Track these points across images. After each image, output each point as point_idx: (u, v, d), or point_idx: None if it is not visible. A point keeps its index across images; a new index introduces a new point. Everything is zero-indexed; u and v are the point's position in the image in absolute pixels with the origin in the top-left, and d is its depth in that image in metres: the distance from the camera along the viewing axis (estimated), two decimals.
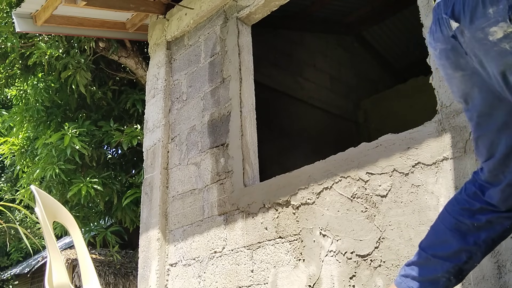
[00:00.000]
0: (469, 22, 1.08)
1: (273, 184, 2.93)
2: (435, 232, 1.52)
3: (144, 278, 3.53)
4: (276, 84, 5.69)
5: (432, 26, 1.26)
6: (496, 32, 1.06)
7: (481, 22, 1.07)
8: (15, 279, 11.45)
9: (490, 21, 1.06)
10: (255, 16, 3.53)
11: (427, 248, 1.52)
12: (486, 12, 1.05)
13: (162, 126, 3.85)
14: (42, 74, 5.40)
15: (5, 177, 11.85)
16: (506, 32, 1.04)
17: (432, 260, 1.48)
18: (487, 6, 1.05)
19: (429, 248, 1.51)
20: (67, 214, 2.16)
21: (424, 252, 1.52)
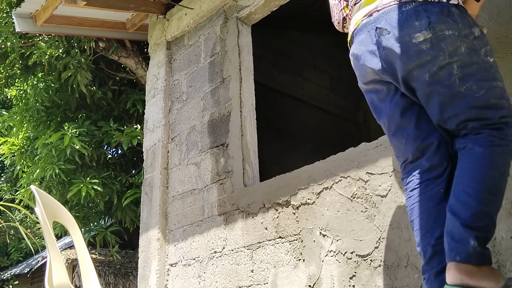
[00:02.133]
0: (399, 29, 1.52)
1: (273, 184, 2.93)
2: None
3: (144, 278, 3.53)
4: (276, 84, 5.69)
5: (361, 36, 1.66)
6: (419, 36, 1.49)
7: (409, 30, 1.50)
8: (15, 279, 11.45)
9: (415, 29, 1.49)
10: (255, 16, 3.53)
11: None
12: (413, 24, 1.50)
13: (162, 126, 3.85)
14: (42, 74, 5.40)
15: (5, 177, 11.85)
16: (426, 37, 1.48)
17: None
18: (413, 20, 1.50)
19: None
20: (67, 214, 2.16)
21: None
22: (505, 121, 1.47)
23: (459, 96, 1.48)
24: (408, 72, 1.53)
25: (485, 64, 1.50)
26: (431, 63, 1.49)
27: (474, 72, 1.48)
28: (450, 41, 1.47)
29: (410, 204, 1.64)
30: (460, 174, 1.48)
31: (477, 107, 1.47)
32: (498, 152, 1.45)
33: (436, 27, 1.47)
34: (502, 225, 1.92)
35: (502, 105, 1.48)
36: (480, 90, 1.46)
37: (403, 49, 1.51)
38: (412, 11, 1.50)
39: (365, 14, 1.64)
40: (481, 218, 1.41)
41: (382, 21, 1.56)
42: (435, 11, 1.49)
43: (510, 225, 1.90)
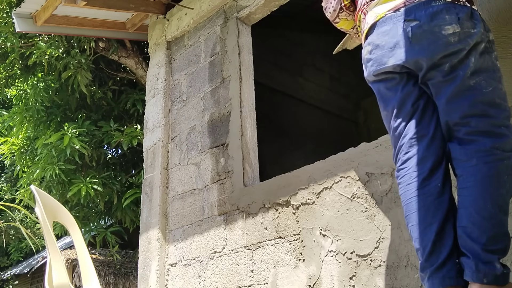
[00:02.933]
0: (430, 21, 1.57)
1: (273, 184, 2.93)
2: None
3: (144, 278, 3.53)
4: (276, 84, 5.69)
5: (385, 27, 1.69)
6: (449, 29, 1.55)
7: (439, 21, 1.57)
8: (15, 279, 11.45)
9: (446, 22, 1.56)
10: (255, 16, 3.53)
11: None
12: (444, 17, 1.57)
13: (162, 126, 3.85)
14: (42, 74, 5.40)
15: (5, 177, 11.85)
16: (455, 30, 1.55)
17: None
18: (444, 13, 1.57)
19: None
20: (67, 214, 2.16)
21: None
22: (506, 123, 1.52)
23: (468, 89, 1.54)
24: (433, 62, 1.58)
25: (495, 67, 1.60)
26: (455, 55, 1.55)
27: (485, 70, 1.56)
28: (474, 39, 1.55)
29: (406, 198, 1.64)
30: (469, 193, 1.50)
31: (483, 103, 1.53)
32: (503, 168, 1.49)
33: (464, 23, 1.55)
34: None
35: (505, 107, 1.55)
36: (488, 87, 1.54)
37: (432, 39, 1.57)
38: (442, 6, 1.58)
39: (390, 9, 1.67)
40: (500, 240, 1.47)
41: (412, 14, 1.61)
42: (463, 10, 1.57)
43: (510, 225, 1.90)
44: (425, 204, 1.58)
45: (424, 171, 1.60)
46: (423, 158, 1.62)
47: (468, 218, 1.49)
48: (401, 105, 1.69)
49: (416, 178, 1.62)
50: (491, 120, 1.52)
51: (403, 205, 1.67)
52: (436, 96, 1.61)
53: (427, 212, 1.57)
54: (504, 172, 1.50)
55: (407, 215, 1.64)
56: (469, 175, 1.51)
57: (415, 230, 1.59)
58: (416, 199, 1.60)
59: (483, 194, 1.48)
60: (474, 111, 1.53)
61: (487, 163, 1.49)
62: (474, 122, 1.53)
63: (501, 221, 1.48)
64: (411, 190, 1.62)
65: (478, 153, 1.51)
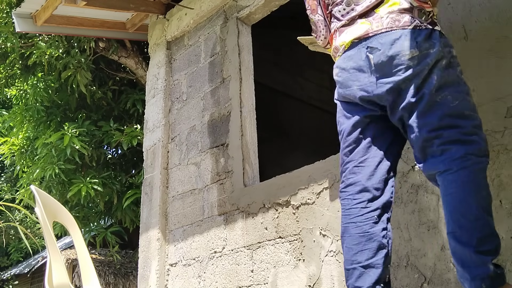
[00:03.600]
0: (390, 48, 1.66)
1: (273, 184, 2.93)
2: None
3: (144, 278, 3.53)
4: (276, 84, 5.69)
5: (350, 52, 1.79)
6: (407, 54, 1.63)
7: (398, 49, 1.65)
8: (15, 279, 11.44)
9: (404, 48, 1.64)
10: (255, 16, 3.53)
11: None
12: (402, 43, 1.65)
13: (162, 126, 3.85)
14: (42, 74, 5.40)
15: (5, 177, 11.85)
16: (413, 54, 1.63)
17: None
18: (402, 40, 1.65)
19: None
20: (67, 214, 2.16)
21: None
22: (476, 131, 1.58)
23: (436, 104, 1.61)
24: (396, 87, 1.66)
25: (460, 80, 1.65)
26: (418, 77, 1.63)
27: (450, 84, 1.62)
28: (434, 58, 1.63)
29: (345, 222, 1.73)
30: (452, 199, 1.55)
31: (451, 116, 1.59)
32: (479, 171, 1.55)
33: (422, 45, 1.63)
34: (502, 225, 1.92)
35: (474, 118, 1.61)
36: (454, 101, 1.60)
37: (394, 66, 1.66)
38: (400, 33, 1.66)
39: (355, 38, 1.76)
40: (489, 240, 1.49)
41: (374, 41, 1.71)
42: (422, 34, 1.65)
43: (510, 225, 1.91)
44: (360, 232, 1.68)
45: (363, 200, 1.70)
46: (363, 188, 1.72)
47: (455, 223, 1.52)
48: (352, 130, 1.79)
49: (355, 205, 1.71)
50: (461, 130, 1.57)
51: (341, 226, 1.75)
52: (408, 118, 1.66)
53: (361, 239, 1.67)
54: (482, 175, 1.55)
55: (343, 236, 1.73)
56: (450, 182, 1.55)
57: (348, 252, 1.69)
58: (353, 225, 1.70)
59: (466, 198, 1.52)
60: (443, 124, 1.59)
61: (465, 168, 1.53)
62: (445, 134, 1.58)
63: (488, 222, 1.51)
64: (350, 216, 1.72)
65: (454, 161, 1.55)
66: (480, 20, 2.16)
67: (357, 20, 1.78)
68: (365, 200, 1.70)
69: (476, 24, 2.17)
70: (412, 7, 1.69)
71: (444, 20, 2.28)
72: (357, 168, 1.75)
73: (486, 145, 1.59)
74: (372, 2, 1.75)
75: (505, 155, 1.97)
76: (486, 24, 2.15)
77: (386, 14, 1.70)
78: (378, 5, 1.74)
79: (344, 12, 1.83)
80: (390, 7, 1.71)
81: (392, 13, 1.70)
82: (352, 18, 1.80)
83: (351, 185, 1.75)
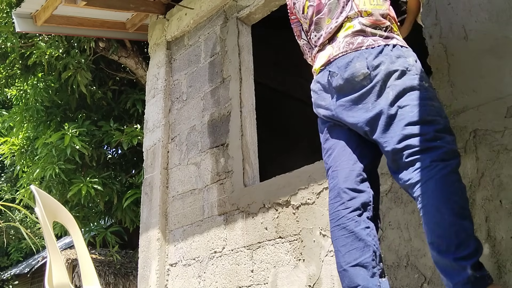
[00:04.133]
0: (345, 71, 1.78)
1: (273, 184, 2.93)
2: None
3: (144, 278, 3.53)
4: (276, 84, 5.69)
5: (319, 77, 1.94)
6: (359, 76, 1.74)
7: (352, 70, 1.76)
8: (15, 279, 11.45)
9: (356, 69, 1.75)
10: (255, 16, 3.53)
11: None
12: (355, 65, 1.75)
13: (162, 126, 3.85)
14: (42, 74, 5.40)
15: (5, 177, 11.85)
16: (365, 74, 1.73)
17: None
18: (355, 62, 1.76)
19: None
20: (67, 214, 2.16)
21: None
22: (439, 135, 1.62)
23: (395, 117, 1.67)
24: (354, 105, 1.76)
25: (421, 87, 1.69)
26: (372, 94, 1.72)
27: (406, 93, 1.68)
28: (385, 73, 1.71)
29: (331, 225, 1.80)
30: (426, 210, 1.58)
31: (412, 124, 1.64)
32: (447, 175, 1.57)
33: (372, 64, 1.73)
34: (502, 225, 1.92)
35: (438, 122, 1.65)
36: (413, 109, 1.65)
37: (350, 87, 1.77)
38: (353, 56, 1.78)
39: (321, 65, 1.91)
40: (467, 244, 1.50)
41: (333, 66, 1.84)
42: (373, 52, 1.74)
43: (510, 225, 1.90)
44: (345, 233, 1.73)
45: (343, 202, 1.76)
46: (341, 191, 1.78)
47: (432, 233, 1.55)
48: (326, 138, 1.93)
49: (337, 208, 1.78)
50: (424, 137, 1.61)
51: (330, 229, 1.82)
52: (372, 134, 1.74)
53: (346, 240, 1.72)
54: (452, 179, 1.57)
55: (332, 241, 1.79)
56: (421, 194, 1.59)
57: (337, 256, 1.74)
58: (338, 228, 1.76)
59: (438, 207, 1.55)
60: (407, 134, 1.64)
61: (432, 178, 1.57)
62: (410, 143, 1.62)
63: (463, 226, 1.52)
64: (334, 220, 1.78)
65: (421, 172, 1.59)
66: (480, 20, 2.16)
67: (326, 46, 1.92)
68: (344, 201, 1.76)
69: (476, 24, 2.17)
70: (365, 27, 1.80)
71: (444, 20, 2.28)
72: (334, 172, 1.84)
73: (452, 147, 1.62)
74: (333, 28, 1.88)
75: (505, 155, 1.97)
76: (486, 24, 2.15)
77: (343, 38, 1.84)
78: (338, 30, 1.87)
79: (316, 39, 1.98)
80: (345, 31, 1.84)
81: (347, 37, 1.82)
82: (322, 44, 1.94)
83: (331, 190, 1.83)
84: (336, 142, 1.88)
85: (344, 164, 1.82)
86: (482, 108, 2.06)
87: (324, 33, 1.92)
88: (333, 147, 1.89)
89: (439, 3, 2.32)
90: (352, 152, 1.83)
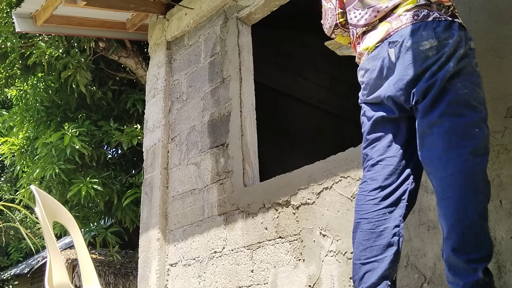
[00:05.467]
0: (409, 39, 1.68)
1: (273, 184, 2.93)
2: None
3: (144, 278, 3.53)
4: (276, 84, 5.69)
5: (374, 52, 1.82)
6: (426, 44, 1.65)
7: (417, 38, 1.67)
8: (15, 279, 11.44)
9: (423, 38, 1.66)
10: (255, 16, 3.53)
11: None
12: (421, 34, 1.67)
13: (162, 126, 3.85)
14: (42, 74, 5.40)
15: (5, 177, 11.85)
16: (432, 44, 1.65)
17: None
18: (421, 30, 1.67)
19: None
20: (67, 214, 2.16)
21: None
22: (480, 125, 1.58)
23: (445, 91, 1.61)
24: (415, 76, 1.66)
25: (474, 72, 1.66)
26: (435, 64, 1.63)
27: (463, 74, 1.63)
28: (451, 47, 1.63)
29: (357, 217, 1.75)
30: (449, 203, 1.54)
31: (457, 103, 1.59)
32: (477, 173, 1.54)
33: (441, 36, 1.65)
34: (502, 225, 1.92)
35: (481, 110, 1.61)
36: (463, 89, 1.60)
37: (412, 56, 1.67)
38: (419, 24, 1.69)
39: (378, 41, 1.79)
40: (484, 247, 1.50)
41: (394, 36, 1.74)
42: (440, 25, 1.67)
43: (510, 225, 1.91)
44: (371, 228, 1.69)
45: (377, 197, 1.71)
46: (378, 186, 1.73)
47: (451, 229, 1.52)
48: (372, 129, 1.82)
49: (368, 202, 1.72)
50: (465, 120, 1.57)
51: (354, 221, 1.76)
52: (421, 103, 1.66)
53: (371, 235, 1.68)
54: (480, 178, 1.54)
55: (354, 232, 1.74)
56: (447, 185, 1.56)
57: (357, 248, 1.70)
58: (365, 221, 1.71)
59: (463, 203, 1.52)
60: (449, 111, 1.59)
61: (462, 171, 1.53)
62: (447, 121, 1.58)
63: (483, 228, 1.51)
64: (362, 212, 1.73)
65: (452, 161, 1.55)
66: (480, 20, 2.16)
67: (378, 24, 1.81)
68: (378, 197, 1.71)
69: (476, 24, 2.17)
70: (430, 2, 1.72)
71: None
72: (375, 166, 1.76)
73: (486, 142, 1.58)
74: (389, 6, 1.77)
75: (505, 155, 1.97)
76: (486, 24, 2.15)
77: (404, 12, 1.73)
78: (397, 6, 1.76)
79: (360, 17, 1.86)
80: (408, 5, 1.74)
81: (410, 10, 1.72)
82: (371, 24, 1.83)
83: (367, 181, 1.76)
84: (383, 135, 1.78)
85: (388, 160, 1.74)
86: None
87: (375, 11, 1.81)
88: (378, 140, 1.79)
89: None
90: (399, 148, 1.76)
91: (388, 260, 1.64)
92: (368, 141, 1.82)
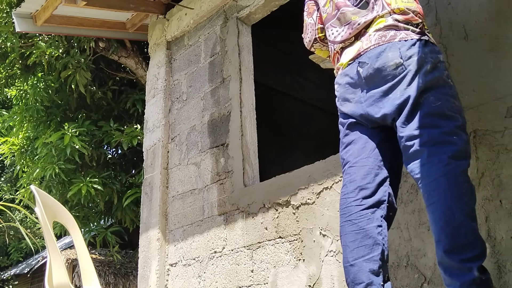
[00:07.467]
0: (376, 61, 1.77)
1: (273, 184, 2.93)
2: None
3: (144, 278, 3.53)
4: (276, 84, 5.69)
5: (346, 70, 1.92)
6: (392, 65, 1.73)
7: (384, 60, 1.75)
8: (15, 279, 11.45)
9: (388, 59, 1.74)
10: (255, 16, 3.53)
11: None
12: (387, 55, 1.75)
13: (162, 126, 3.85)
14: (42, 74, 5.40)
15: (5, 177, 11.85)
16: (397, 64, 1.73)
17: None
18: (387, 52, 1.75)
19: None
20: (67, 214, 2.16)
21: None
22: (457, 132, 1.63)
23: (418, 105, 1.68)
24: (385, 96, 1.75)
25: (446, 84, 1.72)
26: (403, 83, 1.72)
27: (434, 86, 1.69)
28: (418, 64, 1.71)
29: (342, 220, 1.79)
30: (436, 208, 1.58)
31: (432, 115, 1.65)
32: (460, 175, 1.58)
33: (405, 54, 1.73)
34: (502, 225, 1.92)
35: (457, 119, 1.67)
36: (436, 102, 1.67)
37: (380, 76, 1.76)
38: (385, 46, 1.77)
39: (350, 59, 1.88)
40: (475, 246, 1.52)
41: (363, 57, 1.83)
42: (406, 44, 1.75)
43: (510, 225, 1.91)
44: (356, 229, 1.73)
45: (357, 198, 1.76)
46: (357, 187, 1.78)
47: (441, 232, 1.55)
48: (347, 132, 1.91)
49: (350, 204, 1.77)
50: (442, 130, 1.62)
51: (339, 225, 1.80)
52: (397, 120, 1.73)
53: (356, 236, 1.72)
54: (464, 179, 1.58)
55: (341, 236, 1.78)
56: (432, 190, 1.60)
57: (345, 250, 1.74)
58: (349, 223, 1.75)
59: (449, 206, 1.55)
60: (425, 124, 1.65)
61: (444, 175, 1.57)
62: (425, 134, 1.64)
63: (472, 228, 1.53)
64: (346, 215, 1.77)
65: (434, 166, 1.59)
66: (480, 20, 2.16)
67: (354, 41, 1.89)
68: (359, 198, 1.75)
69: (476, 24, 2.17)
70: (397, 23, 1.80)
71: (444, 20, 2.28)
72: (351, 168, 1.83)
73: (466, 147, 1.63)
74: (361, 24, 1.86)
75: (505, 155, 1.97)
76: (486, 24, 2.15)
77: (374, 32, 1.82)
78: (370, 25, 1.85)
79: (336, 34, 1.95)
80: (377, 25, 1.83)
81: (379, 31, 1.81)
82: (347, 40, 1.91)
83: (346, 185, 1.82)
84: (357, 138, 1.86)
85: (363, 161, 1.81)
86: (482, 108, 2.06)
87: (350, 29, 1.89)
88: (352, 143, 1.87)
89: (439, 3, 2.32)
90: (373, 150, 1.82)
91: (376, 259, 1.66)
92: (344, 144, 1.91)
